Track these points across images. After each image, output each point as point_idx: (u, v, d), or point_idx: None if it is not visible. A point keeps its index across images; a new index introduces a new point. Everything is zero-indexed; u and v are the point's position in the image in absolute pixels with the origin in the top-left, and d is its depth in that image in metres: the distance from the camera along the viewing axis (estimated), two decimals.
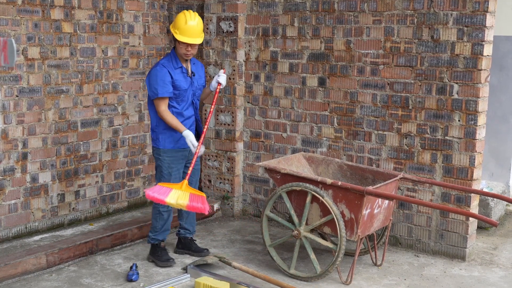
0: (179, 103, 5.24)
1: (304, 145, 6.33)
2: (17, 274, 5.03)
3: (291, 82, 6.34)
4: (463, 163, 5.49)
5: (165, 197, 4.80)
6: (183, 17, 5.13)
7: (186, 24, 5.09)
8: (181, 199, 4.83)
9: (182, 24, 5.09)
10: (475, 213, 5.28)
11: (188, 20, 5.10)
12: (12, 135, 5.76)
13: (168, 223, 5.40)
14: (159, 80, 5.11)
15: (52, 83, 6.02)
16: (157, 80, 5.12)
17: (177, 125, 5.14)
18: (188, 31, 5.10)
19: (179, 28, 5.11)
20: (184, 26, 5.09)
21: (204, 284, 4.70)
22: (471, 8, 5.30)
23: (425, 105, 5.62)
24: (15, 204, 5.86)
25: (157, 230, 5.38)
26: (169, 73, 5.15)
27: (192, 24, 5.10)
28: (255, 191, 6.73)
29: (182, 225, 5.62)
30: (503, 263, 5.56)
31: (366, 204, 4.84)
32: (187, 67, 5.29)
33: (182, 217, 5.60)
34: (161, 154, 5.27)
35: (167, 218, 5.38)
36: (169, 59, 5.23)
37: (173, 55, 5.25)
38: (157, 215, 5.36)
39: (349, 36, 5.94)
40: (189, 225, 5.61)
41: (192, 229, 5.64)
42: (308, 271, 5.23)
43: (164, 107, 5.15)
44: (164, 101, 5.15)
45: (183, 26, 5.09)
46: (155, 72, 5.15)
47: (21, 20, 5.71)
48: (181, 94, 5.22)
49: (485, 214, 6.44)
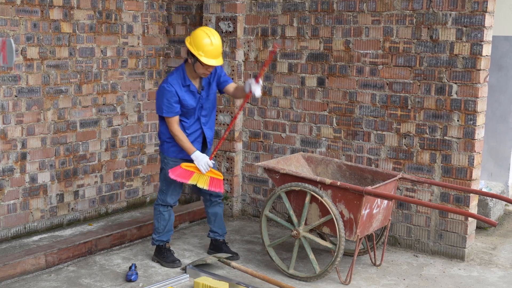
0: (188, 118, 5.17)
1: (303, 145, 6.33)
2: (16, 274, 5.03)
3: (290, 82, 6.34)
4: (462, 163, 5.50)
5: (187, 180, 5.11)
6: (206, 36, 4.92)
7: (212, 45, 4.91)
8: (201, 183, 5.15)
9: (207, 45, 4.89)
10: (474, 213, 5.28)
11: (213, 40, 4.92)
12: (11, 135, 5.76)
13: (170, 223, 5.40)
14: (165, 100, 5.01)
15: (51, 83, 6.01)
16: (163, 100, 5.02)
17: (187, 146, 5.08)
18: (213, 53, 4.93)
19: (203, 49, 4.90)
20: (209, 48, 4.90)
21: (203, 284, 4.70)
22: (470, 8, 5.30)
23: (424, 105, 5.62)
24: (14, 204, 5.86)
25: (160, 231, 5.37)
26: (176, 93, 5.02)
27: (216, 44, 4.94)
28: (254, 191, 6.73)
29: (211, 228, 5.62)
30: (502, 263, 5.57)
31: (365, 204, 4.84)
32: (196, 84, 5.15)
33: (210, 220, 5.60)
34: (166, 158, 5.27)
35: (168, 218, 5.37)
36: (178, 75, 5.07)
37: (183, 71, 5.09)
38: (158, 216, 5.36)
39: (348, 36, 5.95)
40: (217, 228, 5.60)
41: (221, 231, 5.61)
42: (307, 271, 5.23)
43: (175, 125, 5.06)
44: (174, 120, 5.06)
45: (208, 48, 4.90)
46: (163, 91, 5.02)
47: (20, 20, 5.71)
48: (188, 111, 5.14)
49: (484, 214, 6.44)
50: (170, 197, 5.33)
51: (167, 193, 5.32)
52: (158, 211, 5.37)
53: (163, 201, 5.34)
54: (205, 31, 4.99)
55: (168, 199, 5.33)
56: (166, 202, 5.34)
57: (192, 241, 6.00)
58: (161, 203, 5.35)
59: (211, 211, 5.56)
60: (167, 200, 5.33)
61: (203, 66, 4.97)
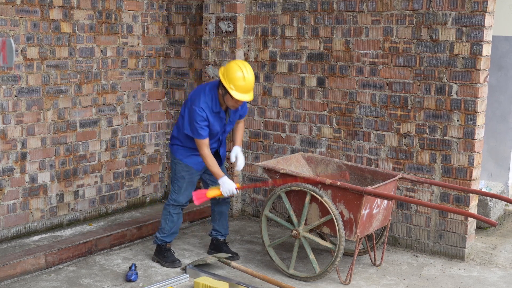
0: (210, 139, 5.17)
1: (303, 145, 6.33)
2: (16, 275, 5.03)
3: (290, 82, 6.34)
4: (462, 163, 5.50)
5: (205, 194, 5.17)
6: (239, 71, 4.91)
7: (244, 81, 4.90)
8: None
9: (239, 80, 4.89)
10: (474, 213, 5.28)
11: (246, 75, 4.91)
12: (11, 135, 5.76)
13: (177, 226, 5.39)
14: (196, 123, 4.99)
15: (51, 83, 6.01)
16: (194, 123, 5.00)
17: (215, 171, 5.09)
18: (244, 88, 4.93)
19: (234, 83, 4.90)
20: (241, 82, 4.90)
21: (203, 284, 4.70)
22: (470, 8, 5.30)
23: (424, 105, 5.62)
24: (14, 204, 5.86)
25: (165, 232, 5.36)
26: (207, 118, 5.03)
27: (248, 80, 4.93)
28: (254, 191, 6.73)
29: (214, 227, 5.62)
30: (502, 263, 5.57)
31: (365, 204, 4.84)
32: (225, 110, 5.17)
33: (214, 219, 5.60)
34: (175, 159, 5.29)
35: (176, 221, 5.36)
36: (210, 100, 5.04)
37: (215, 96, 5.06)
38: (167, 217, 5.34)
39: (348, 36, 5.95)
40: (220, 227, 5.60)
41: (224, 231, 5.62)
42: (307, 271, 5.23)
43: (205, 148, 5.04)
44: (204, 143, 5.05)
45: (240, 82, 4.89)
46: (195, 114, 4.99)
47: (20, 20, 5.71)
48: (212, 134, 5.17)
49: (484, 214, 6.44)
50: (183, 196, 5.31)
51: (179, 193, 5.29)
52: (167, 212, 5.33)
53: (176, 201, 5.30)
54: (239, 64, 4.97)
55: (181, 199, 5.30)
56: (179, 202, 5.30)
57: (192, 241, 6.00)
58: (172, 203, 5.31)
59: (217, 209, 5.55)
60: (180, 200, 5.30)
61: (232, 99, 4.98)
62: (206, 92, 5.07)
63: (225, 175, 5.12)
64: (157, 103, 7.14)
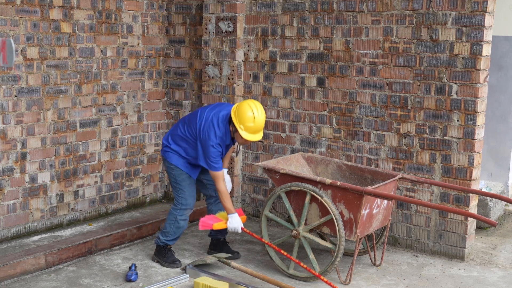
0: None
1: (303, 145, 6.33)
2: (16, 275, 5.03)
3: (290, 82, 6.34)
4: (462, 163, 5.50)
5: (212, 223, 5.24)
6: (249, 111, 4.95)
7: (254, 122, 4.95)
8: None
9: (250, 122, 4.94)
10: (474, 213, 5.28)
11: (256, 116, 4.95)
12: (11, 135, 5.76)
13: (181, 231, 5.38)
14: (213, 157, 5.03)
15: (51, 83, 6.01)
16: (211, 158, 5.03)
17: (228, 206, 5.14)
18: (254, 129, 4.99)
19: (244, 124, 4.95)
20: (251, 124, 4.95)
21: (203, 284, 4.70)
22: (470, 8, 5.30)
23: (424, 105, 5.62)
24: (14, 205, 5.86)
25: (168, 236, 5.34)
26: (222, 151, 5.13)
27: (259, 121, 4.98)
28: (254, 191, 6.73)
29: None
30: (502, 263, 5.57)
31: (365, 204, 4.84)
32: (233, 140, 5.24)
33: None
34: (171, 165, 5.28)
35: (182, 227, 5.34)
36: (224, 134, 5.08)
37: (228, 131, 5.10)
38: (173, 222, 5.31)
39: (348, 36, 5.95)
40: None
41: (224, 231, 5.61)
42: (307, 271, 5.23)
43: (222, 182, 5.09)
44: (221, 175, 5.09)
45: (249, 124, 4.95)
46: (212, 152, 5.01)
47: (20, 20, 5.71)
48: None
49: (484, 214, 6.44)
50: (190, 198, 5.31)
51: (185, 196, 5.28)
52: (174, 217, 5.30)
53: (185, 205, 5.28)
54: (251, 105, 4.99)
55: (189, 201, 5.30)
56: (188, 205, 5.29)
57: (192, 241, 6.00)
58: (181, 208, 5.28)
59: (215, 208, 5.53)
60: (189, 203, 5.29)
61: (242, 138, 5.03)
62: (220, 125, 5.08)
63: (236, 213, 5.17)
64: (157, 103, 7.14)
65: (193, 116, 5.23)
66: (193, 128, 5.15)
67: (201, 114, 5.15)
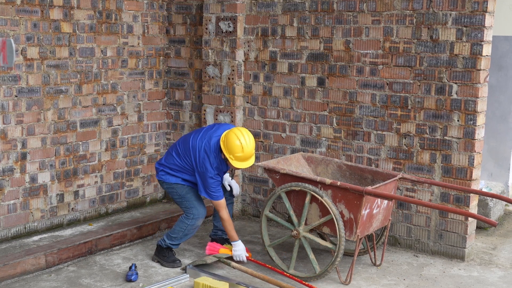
0: None
1: (303, 145, 6.33)
2: (16, 275, 5.03)
3: (290, 82, 6.34)
4: (462, 163, 5.50)
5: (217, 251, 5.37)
6: (237, 140, 5.00)
7: (243, 152, 5.02)
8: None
9: (238, 151, 5.01)
10: (474, 213, 5.28)
11: (244, 146, 5.01)
12: (11, 135, 5.76)
13: (187, 238, 5.39)
14: (212, 188, 5.11)
15: (51, 83, 6.01)
16: (211, 188, 5.11)
17: (232, 234, 5.24)
18: (243, 157, 5.06)
19: (234, 154, 5.02)
20: (240, 154, 5.02)
21: (203, 284, 4.70)
22: (470, 8, 5.30)
23: (424, 105, 5.62)
24: (14, 205, 5.86)
25: (174, 241, 5.34)
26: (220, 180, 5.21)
27: (247, 150, 5.04)
28: (254, 191, 6.73)
29: (218, 226, 5.65)
30: (502, 263, 5.57)
31: (365, 204, 4.84)
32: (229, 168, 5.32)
33: (217, 218, 5.62)
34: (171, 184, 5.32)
35: (189, 234, 5.35)
36: (220, 163, 5.15)
37: (222, 159, 5.15)
38: (182, 229, 5.30)
39: (348, 36, 5.95)
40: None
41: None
42: (307, 271, 5.23)
43: (225, 210, 5.19)
44: (223, 204, 5.18)
45: (239, 154, 5.02)
46: (211, 180, 5.09)
47: (20, 20, 5.71)
48: None
49: (484, 214, 6.44)
50: (200, 207, 5.31)
51: (195, 207, 5.28)
52: (185, 225, 5.29)
53: (198, 214, 5.28)
54: (237, 134, 5.04)
55: (200, 210, 5.30)
56: (201, 214, 5.30)
57: (192, 241, 6.00)
58: (192, 217, 5.27)
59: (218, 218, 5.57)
60: (201, 212, 5.30)
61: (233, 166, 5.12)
62: (213, 154, 5.12)
63: (239, 240, 5.25)
64: (157, 103, 7.14)
65: (185, 145, 5.26)
66: (188, 159, 5.22)
67: (193, 144, 5.19)
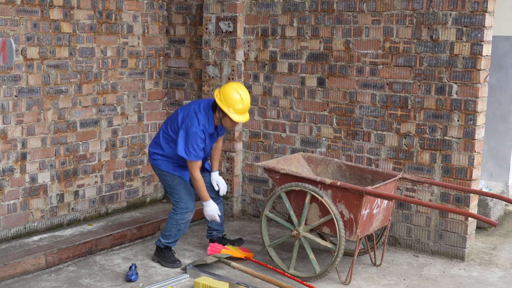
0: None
1: (303, 145, 6.33)
2: (16, 275, 5.03)
3: (290, 82, 6.34)
4: (462, 163, 5.50)
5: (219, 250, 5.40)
6: (236, 93, 5.00)
7: (242, 103, 5.02)
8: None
9: (238, 103, 5.00)
10: (474, 213, 5.28)
11: (243, 97, 5.02)
12: (11, 135, 5.76)
13: (182, 233, 5.40)
14: (195, 145, 5.03)
15: (51, 83, 6.01)
16: (193, 144, 5.03)
17: (203, 194, 5.20)
18: (243, 110, 5.05)
19: (233, 107, 5.00)
20: (239, 105, 5.01)
21: (203, 284, 4.70)
22: (470, 8, 5.30)
23: (424, 105, 5.62)
24: (14, 205, 5.86)
25: (169, 239, 5.35)
26: (204, 140, 5.12)
27: (246, 102, 5.04)
28: (254, 191, 6.73)
29: (212, 227, 5.66)
30: (502, 263, 5.57)
31: (365, 204, 4.84)
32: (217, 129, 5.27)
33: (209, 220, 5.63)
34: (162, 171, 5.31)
35: (183, 229, 5.36)
36: (207, 121, 5.11)
37: (211, 118, 5.13)
38: (174, 226, 5.31)
39: (348, 36, 5.95)
40: (217, 226, 5.66)
41: (221, 228, 5.69)
42: (307, 271, 5.23)
43: (197, 171, 5.12)
44: (198, 165, 5.11)
45: (238, 105, 5.01)
46: (195, 136, 5.02)
47: (20, 20, 5.71)
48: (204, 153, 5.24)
49: (484, 214, 6.44)
50: (189, 201, 5.31)
51: (183, 200, 5.28)
52: (175, 221, 5.30)
53: (186, 208, 5.28)
54: (235, 88, 5.06)
55: (189, 204, 5.30)
56: (189, 208, 5.29)
57: (192, 241, 6.00)
58: (181, 211, 5.28)
59: None
60: (189, 206, 5.29)
61: (230, 120, 5.07)
62: (202, 113, 5.10)
63: (211, 199, 5.25)
64: (157, 103, 7.14)
65: (173, 115, 5.29)
66: (175, 123, 5.18)
67: (182, 110, 5.21)
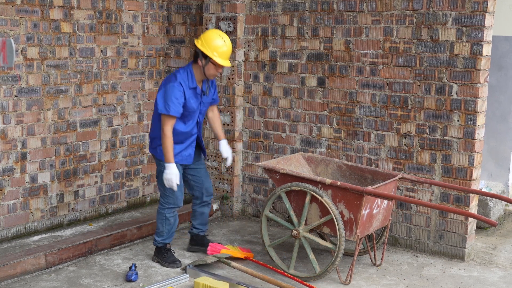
0: (185, 122, 5.15)
1: (303, 145, 6.33)
2: (16, 275, 5.03)
3: (290, 82, 6.34)
4: (462, 163, 5.50)
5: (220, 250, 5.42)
6: (219, 38, 4.99)
7: (226, 46, 5.00)
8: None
9: (221, 46, 4.97)
10: (474, 213, 5.28)
11: (226, 41, 5.01)
12: (11, 135, 5.76)
13: (174, 227, 5.39)
14: (174, 98, 4.94)
15: (51, 83, 6.01)
16: (172, 97, 4.94)
17: (169, 154, 5.00)
18: (226, 54, 5.03)
19: (217, 50, 4.96)
20: (223, 49, 4.99)
21: (203, 284, 4.70)
22: (470, 8, 5.30)
23: (424, 105, 5.62)
24: (14, 205, 5.86)
25: (163, 235, 5.35)
26: (184, 94, 5.01)
27: (229, 45, 5.04)
28: (254, 191, 6.73)
29: (195, 225, 5.66)
30: (502, 263, 5.57)
31: (365, 204, 4.84)
32: (201, 87, 5.19)
33: (195, 217, 5.64)
34: (162, 161, 5.24)
35: (173, 223, 5.36)
36: (186, 76, 5.06)
37: (190, 72, 5.08)
38: (163, 220, 5.32)
39: (348, 36, 5.95)
40: (201, 225, 5.66)
41: (204, 227, 5.68)
42: (307, 271, 5.23)
43: (169, 126, 4.98)
44: (172, 120, 5.00)
45: (222, 49, 4.98)
46: (172, 89, 4.95)
47: (20, 20, 5.71)
48: (189, 114, 5.14)
49: (484, 214, 6.44)
50: (178, 198, 5.30)
51: (173, 195, 5.26)
52: (163, 216, 5.30)
53: (174, 204, 5.27)
54: (217, 32, 5.06)
55: (178, 200, 5.29)
56: (177, 203, 5.29)
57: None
58: (167, 206, 5.28)
59: (199, 210, 5.61)
60: (177, 202, 5.28)
61: (215, 66, 5.03)
62: (180, 71, 5.10)
63: (173, 163, 5.02)
64: None
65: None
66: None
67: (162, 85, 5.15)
